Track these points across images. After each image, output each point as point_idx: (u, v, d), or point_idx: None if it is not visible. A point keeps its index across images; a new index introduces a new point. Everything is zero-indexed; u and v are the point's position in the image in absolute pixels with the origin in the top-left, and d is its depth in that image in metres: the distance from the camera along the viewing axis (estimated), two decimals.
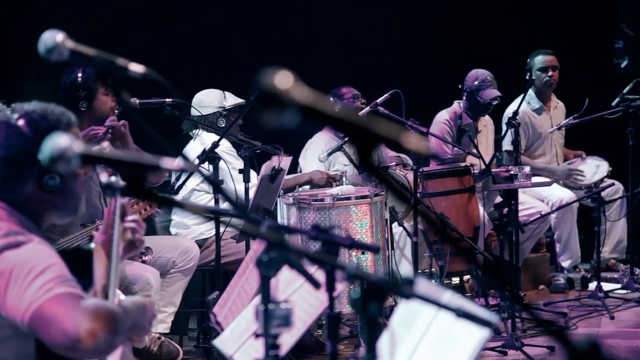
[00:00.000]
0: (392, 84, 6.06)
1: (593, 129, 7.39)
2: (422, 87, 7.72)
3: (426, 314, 2.43)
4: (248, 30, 7.96)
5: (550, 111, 7.48)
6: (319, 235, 2.22)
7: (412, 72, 8.03)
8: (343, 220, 5.40)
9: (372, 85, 6.64)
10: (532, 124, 7.36)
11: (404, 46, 8.32)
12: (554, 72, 7.32)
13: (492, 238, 6.75)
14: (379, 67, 8.07)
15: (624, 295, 6.68)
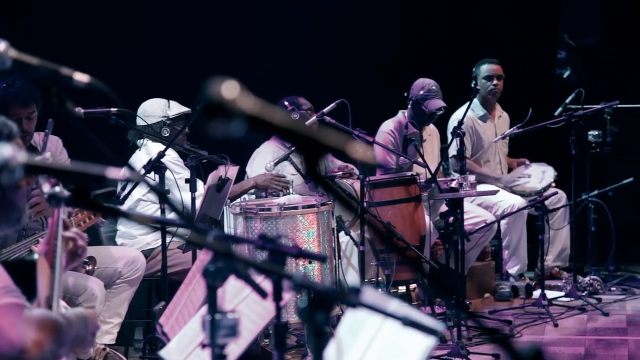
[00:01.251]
0: (338, 93, 6.08)
1: (536, 139, 7.48)
2: (368, 96, 7.76)
3: (373, 323, 2.44)
4: (194, 39, 7.93)
5: (495, 120, 7.57)
6: (265, 244, 2.22)
7: (358, 81, 8.07)
8: (290, 230, 5.40)
9: (319, 95, 6.66)
10: (477, 131, 7.44)
11: (350, 55, 8.35)
12: (499, 81, 7.40)
13: (438, 247, 6.80)
14: (326, 77, 8.09)
15: (568, 302, 6.76)
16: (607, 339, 5.98)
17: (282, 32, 8.22)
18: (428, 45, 8.48)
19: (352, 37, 8.40)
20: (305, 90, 6.83)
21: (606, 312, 6.53)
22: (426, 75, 6.95)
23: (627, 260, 7.89)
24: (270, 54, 8.11)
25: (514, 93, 7.68)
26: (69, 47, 7.12)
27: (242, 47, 8.10)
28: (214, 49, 7.89)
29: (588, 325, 6.30)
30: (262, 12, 8.27)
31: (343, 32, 8.37)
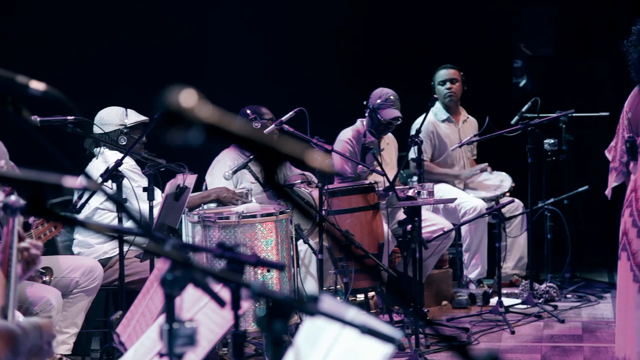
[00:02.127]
0: (296, 101, 6.09)
1: (494, 147, 7.54)
2: (326, 104, 7.77)
3: (331, 331, 2.44)
4: (152, 47, 7.89)
5: (459, 124, 7.60)
6: (224, 253, 2.21)
7: (316, 89, 8.08)
8: (248, 238, 5.39)
9: (277, 103, 6.66)
10: (439, 135, 7.49)
11: (309, 64, 8.36)
12: (453, 84, 7.47)
13: (396, 255, 6.82)
14: (284, 85, 8.09)
15: (524, 310, 6.81)
16: (563, 346, 6.03)
17: (241, 41, 8.22)
18: (388, 54, 8.53)
19: (311, 46, 8.41)
20: (265, 98, 6.83)
21: (562, 319, 6.59)
22: (385, 85, 6.98)
23: (582, 268, 7.97)
24: (230, 62, 8.10)
25: (472, 101, 7.74)
26: (25, 55, 7.07)
27: (203, 55, 8.08)
28: (172, 58, 7.86)
29: (544, 332, 6.35)
30: (222, 20, 8.25)
31: (302, 40, 8.38)
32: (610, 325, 6.31)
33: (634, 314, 4.05)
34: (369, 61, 8.41)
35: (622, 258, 4.09)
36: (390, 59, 8.45)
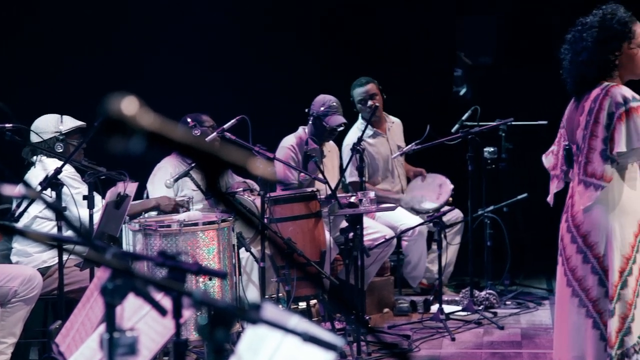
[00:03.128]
0: (239, 109, 6.08)
1: (434, 155, 7.60)
2: (268, 112, 7.78)
3: (273, 339, 2.44)
4: (95, 54, 7.83)
5: (386, 133, 7.60)
6: (165, 261, 2.20)
7: (258, 97, 8.08)
8: (190, 247, 5.36)
9: (219, 111, 6.65)
10: (370, 153, 7.43)
11: (251, 72, 8.36)
12: (374, 100, 7.29)
13: (338, 262, 6.83)
14: (226, 93, 8.08)
15: (464, 317, 6.87)
16: (503, 352, 6.09)
17: (182, 47, 8.19)
18: (328, 61, 8.55)
19: (252, 53, 8.41)
20: (207, 106, 6.81)
21: (502, 326, 6.66)
22: (326, 92, 6.99)
23: (522, 275, 8.06)
24: (171, 69, 8.07)
25: (412, 110, 7.79)
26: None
27: (144, 63, 8.03)
28: (114, 65, 7.81)
29: (484, 339, 6.41)
30: (162, 27, 8.22)
31: (243, 47, 8.38)
32: (548, 331, 6.39)
33: (568, 318, 4.11)
34: (310, 69, 8.42)
35: (559, 263, 4.16)
36: (330, 67, 8.48)
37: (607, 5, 4.11)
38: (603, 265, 3.98)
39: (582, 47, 4.07)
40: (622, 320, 3.95)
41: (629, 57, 4.05)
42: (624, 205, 3.99)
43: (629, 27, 4.03)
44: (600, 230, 3.99)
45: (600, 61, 4.03)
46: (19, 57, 7.58)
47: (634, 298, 3.97)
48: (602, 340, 3.98)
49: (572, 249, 4.07)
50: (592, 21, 4.08)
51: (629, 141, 3.92)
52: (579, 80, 4.10)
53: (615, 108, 3.93)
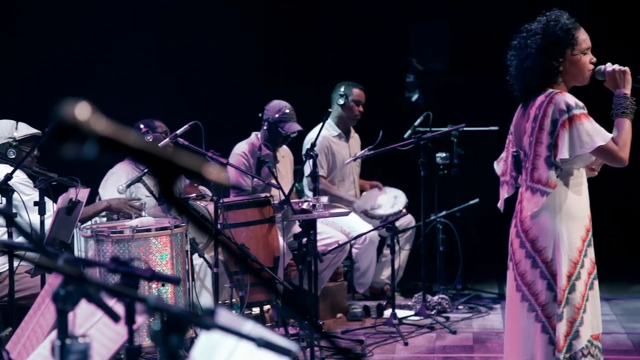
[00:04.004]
0: (191, 115, 6.06)
1: (387, 161, 7.63)
2: (221, 118, 7.76)
3: (227, 345, 2.44)
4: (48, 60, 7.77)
5: (349, 141, 7.68)
6: (118, 267, 2.19)
7: (211, 103, 8.06)
8: (143, 252, 5.33)
9: (172, 117, 6.62)
10: (333, 150, 7.52)
11: (204, 77, 8.34)
12: (362, 107, 7.55)
13: (292, 268, 6.84)
14: (179, 99, 8.05)
15: (417, 321, 6.91)
16: (455, 357, 6.14)
17: (136, 53, 8.15)
18: (281, 67, 8.56)
19: (206, 59, 8.39)
20: (160, 112, 6.78)
21: (454, 330, 6.70)
22: (278, 97, 7.00)
23: (473, 279, 8.12)
24: (124, 75, 8.02)
25: (365, 115, 7.82)
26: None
27: (97, 68, 7.98)
28: (68, 70, 7.74)
29: (437, 344, 6.45)
30: (116, 32, 8.17)
31: (196, 53, 8.36)
32: (499, 335, 6.44)
33: (518, 322, 4.15)
34: (262, 74, 8.43)
35: (509, 268, 4.20)
36: (283, 73, 8.49)
37: (552, 12, 4.15)
38: (551, 269, 4.03)
39: (526, 53, 4.12)
40: (570, 324, 4.00)
41: (572, 63, 4.10)
42: (571, 210, 4.04)
43: (572, 34, 4.08)
44: (548, 236, 4.04)
45: (543, 68, 4.08)
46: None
47: (583, 302, 4.02)
48: (551, 344, 4.03)
49: (521, 253, 4.11)
50: (536, 28, 4.13)
51: (572, 148, 3.97)
52: (524, 86, 4.15)
53: (559, 115, 3.98)
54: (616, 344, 6.35)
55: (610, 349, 6.15)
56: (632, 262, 8.92)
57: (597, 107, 4.21)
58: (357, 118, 7.59)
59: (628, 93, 4.09)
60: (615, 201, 9.00)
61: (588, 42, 4.13)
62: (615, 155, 4.02)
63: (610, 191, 8.14)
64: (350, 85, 7.57)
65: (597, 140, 3.97)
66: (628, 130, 4.04)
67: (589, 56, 4.13)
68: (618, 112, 4.06)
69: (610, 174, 4.35)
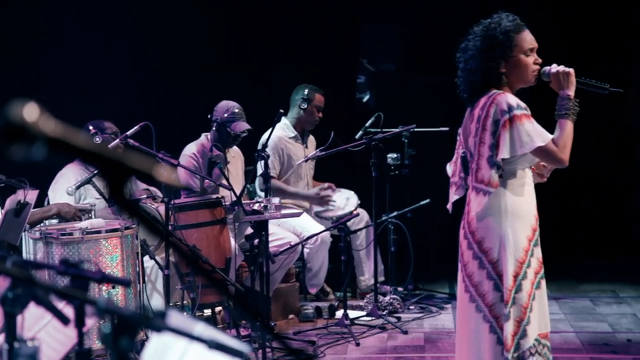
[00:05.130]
0: (142, 116, 6.03)
1: (339, 161, 7.65)
2: (172, 119, 7.73)
3: (178, 347, 2.43)
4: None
5: (305, 143, 7.66)
6: (67, 270, 2.17)
7: (161, 104, 8.02)
8: (93, 254, 5.30)
9: (122, 118, 6.58)
10: (288, 152, 7.51)
11: (154, 78, 8.30)
12: (321, 113, 7.55)
13: (244, 269, 6.83)
14: (129, 100, 8.00)
15: (369, 322, 6.93)
16: (406, 357, 6.17)
17: (86, 53, 8.08)
18: (230, 68, 8.54)
19: (156, 59, 8.35)
20: (109, 113, 6.74)
21: (405, 330, 6.73)
22: (228, 98, 6.97)
23: (425, 279, 8.16)
24: (73, 76, 7.95)
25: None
26: None
27: (46, 69, 7.90)
28: (16, 71, 7.66)
29: (388, 344, 6.48)
30: (65, 32, 8.09)
31: (146, 53, 8.31)
32: (451, 335, 6.49)
33: (467, 323, 4.18)
34: (212, 74, 8.40)
35: (459, 269, 4.23)
36: (234, 73, 8.47)
37: (497, 14, 4.19)
38: (497, 270, 4.06)
39: (470, 56, 4.15)
40: (517, 323, 4.03)
41: (514, 65, 4.13)
42: (515, 210, 4.07)
43: (511, 36, 4.11)
44: (493, 236, 4.07)
45: (485, 70, 4.11)
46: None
47: (530, 301, 4.05)
48: (499, 344, 4.06)
49: (469, 255, 4.14)
50: (478, 30, 4.17)
51: (512, 148, 4.01)
52: (469, 88, 4.19)
53: (500, 115, 4.01)
54: (565, 342, 6.42)
55: (559, 347, 6.23)
56: (580, 262, 9.04)
57: (546, 108, 4.24)
58: (316, 123, 7.59)
59: (572, 95, 4.12)
60: (565, 201, 9.11)
61: (532, 44, 4.16)
62: (555, 156, 4.06)
63: (560, 191, 8.25)
64: (314, 90, 7.55)
65: (536, 140, 4.00)
66: (569, 132, 4.08)
67: (532, 57, 4.16)
68: (560, 114, 4.11)
69: (560, 174, 4.39)
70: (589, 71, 4.31)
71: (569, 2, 9.19)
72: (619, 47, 9.13)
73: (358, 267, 7.73)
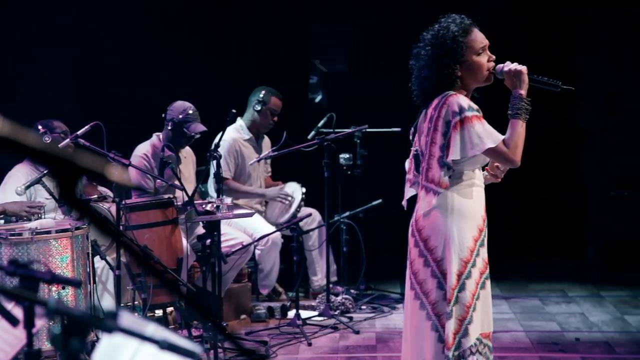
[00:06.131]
0: (92, 115, 5.99)
1: (291, 161, 7.65)
2: (123, 118, 7.67)
3: (129, 347, 2.42)
4: None
5: (260, 144, 7.64)
6: (16, 270, 2.15)
7: (112, 103, 7.96)
8: (42, 255, 5.25)
9: (72, 117, 6.53)
10: (242, 153, 7.48)
11: (105, 78, 8.24)
12: (276, 117, 7.53)
13: (196, 269, 6.80)
14: (79, 99, 7.94)
15: (321, 322, 6.94)
16: (358, 357, 6.19)
17: (34, 53, 8.01)
18: (182, 68, 8.51)
19: (107, 59, 8.29)
20: (59, 113, 6.68)
21: (357, 330, 6.75)
22: (180, 98, 6.94)
23: (377, 279, 8.19)
24: (21, 75, 7.87)
25: None
26: None
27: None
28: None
29: (340, 344, 6.50)
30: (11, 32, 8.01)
31: (96, 52, 8.25)
32: (402, 335, 6.51)
33: (411, 321, 4.21)
34: (164, 74, 8.36)
35: (407, 267, 4.26)
36: (187, 73, 8.44)
37: (445, 18, 4.20)
38: (441, 268, 4.09)
39: (422, 64, 4.17)
40: (459, 322, 4.06)
41: (468, 67, 4.15)
42: (462, 210, 4.10)
43: (460, 40, 4.12)
44: (439, 235, 4.10)
45: (438, 77, 4.13)
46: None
47: (473, 301, 4.08)
48: (440, 342, 4.08)
49: (415, 252, 4.17)
50: (428, 38, 4.18)
51: (463, 149, 4.03)
52: (423, 93, 4.20)
53: (452, 117, 4.04)
54: (515, 341, 6.48)
55: (508, 346, 6.29)
56: (530, 262, 9.13)
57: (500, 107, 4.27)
58: (270, 127, 7.57)
59: (524, 93, 4.13)
60: (515, 201, 9.20)
61: (483, 42, 4.17)
62: (505, 156, 4.09)
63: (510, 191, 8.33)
64: (270, 92, 7.52)
65: (487, 142, 4.03)
66: (520, 132, 4.10)
67: (485, 56, 4.17)
68: (512, 113, 4.12)
69: (511, 173, 4.43)
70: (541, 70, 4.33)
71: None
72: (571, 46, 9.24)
73: (310, 267, 7.74)
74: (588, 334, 6.68)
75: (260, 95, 7.49)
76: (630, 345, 6.40)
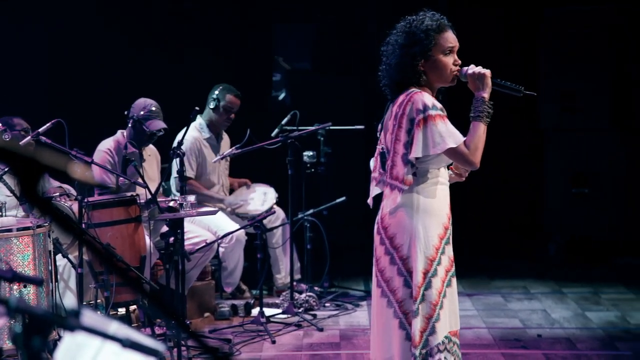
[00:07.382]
0: (54, 112, 5.94)
1: (255, 159, 7.64)
2: (85, 115, 7.63)
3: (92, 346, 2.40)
4: None
5: (220, 143, 7.64)
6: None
7: (74, 100, 7.91)
8: (4, 253, 5.21)
9: (33, 114, 6.48)
10: (203, 152, 7.48)
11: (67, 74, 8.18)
12: (233, 114, 7.51)
13: (159, 267, 6.78)
14: (41, 96, 7.87)
15: (285, 319, 6.94)
16: (322, 354, 6.20)
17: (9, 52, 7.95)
18: (145, 64, 8.47)
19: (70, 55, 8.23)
20: (20, 109, 6.62)
21: (321, 328, 6.76)
22: (145, 95, 6.91)
23: (340, 277, 8.21)
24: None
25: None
26: None
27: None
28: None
29: (304, 341, 6.50)
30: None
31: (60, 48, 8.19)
32: (366, 332, 6.54)
33: (379, 319, 4.22)
34: (129, 71, 8.32)
35: (373, 265, 4.27)
36: (151, 70, 8.40)
37: (422, 11, 4.22)
38: (408, 266, 4.10)
39: (391, 52, 4.19)
40: (426, 320, 4.07)
41: (433, 64, 4.16)
42: (427, 208, 4.11)
43: (432, 35, 4.14)
44: (404, 233, 4.11)
45: (404, 66, 4.14)
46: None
47: (439, 299, 4.09)
48: (408, 340, 4.10)
49: (381, 250, 4.18)
50: (400, 27, 4.20)
51: (425, 147, 4.05)
52: (389, 82, 4.21)
53: (416, 114, 4.05)
54: (477, 338, 6.53)
55: (471, 343, 6.33)
56: (492, 259, 9.19)
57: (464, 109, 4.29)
58: (227, 124, 7.56)
59: (486, 97, 4.15)
60: (477, 200, 9.26)
61: (453, 43, 4.19)
62: (465, 158, 4.10)
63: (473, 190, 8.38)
64: (226, 90, 7.50)
65: (448, 142, 4.04)
66: (481, 135, 4.12)
67: (452, 57, 4.19)
68: (474, 116, 4.15)
69: (473, 174, 4.45)
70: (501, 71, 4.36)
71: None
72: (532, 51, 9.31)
73: (274, 265, 7.75)
74: (550, 330, 6.74)
75: (215, 93, 7.48)
76: (591, 341, 6.47)
